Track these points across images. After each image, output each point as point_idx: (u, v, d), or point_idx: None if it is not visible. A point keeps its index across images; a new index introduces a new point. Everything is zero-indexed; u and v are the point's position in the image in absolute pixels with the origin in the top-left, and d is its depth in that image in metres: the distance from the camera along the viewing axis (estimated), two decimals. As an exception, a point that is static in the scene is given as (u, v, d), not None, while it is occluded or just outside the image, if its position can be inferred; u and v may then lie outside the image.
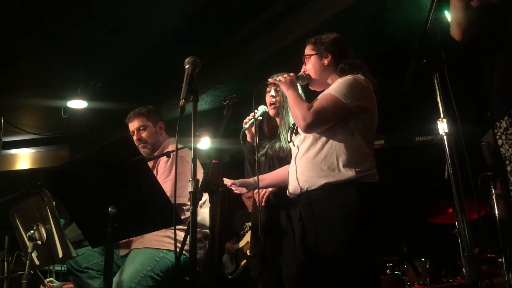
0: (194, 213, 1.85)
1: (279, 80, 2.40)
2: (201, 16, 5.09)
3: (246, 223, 5.88)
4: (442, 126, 1.59)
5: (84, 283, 3.17)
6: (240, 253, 5.83)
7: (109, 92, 6.16)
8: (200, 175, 3.26)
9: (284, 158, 2.92)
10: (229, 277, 5.86)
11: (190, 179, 1.90)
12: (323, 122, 2.25)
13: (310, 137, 2.31)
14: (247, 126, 2.99)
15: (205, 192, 2.26)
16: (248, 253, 5.65)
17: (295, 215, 2.52)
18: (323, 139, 2.27)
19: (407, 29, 4.46)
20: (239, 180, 2.81)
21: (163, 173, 3.07)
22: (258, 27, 5.25)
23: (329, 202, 2.16)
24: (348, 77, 2.33)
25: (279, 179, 2.68)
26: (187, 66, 2.07)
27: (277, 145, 2.99)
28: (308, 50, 2.52)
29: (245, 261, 5.72)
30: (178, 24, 5.15)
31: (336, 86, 2.31)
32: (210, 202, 2.29)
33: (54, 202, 2.99)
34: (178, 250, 3.06)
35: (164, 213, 2.03)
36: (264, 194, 2.86)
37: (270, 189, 2.87)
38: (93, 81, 6.14)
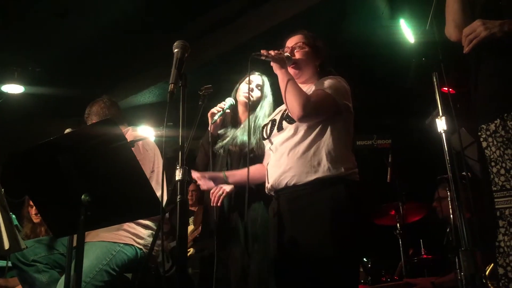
0: (183, 202, 1.77)
1: (272, 56, 2.33)
2: (157, 5, 4.95)
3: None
4: (441, 124, 1.64)
5: (31, 277, 2.97)
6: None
7: (51, 78, 5.82)
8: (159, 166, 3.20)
9: (244, 153, 2.88)
10: (164, 275, 5.73)
11: (178, 167, 1.82)
12: (318, 115, 2.27)
13: (299, 133, 2.30)
14: (216, 118, 2.95)
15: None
16: (186, 249, 5.56)
17: (270, 210, 2.50)
18: (312, 135, 2.27)
19: (363, 35, 4.59)
20: (208, 173, 2.70)
21: None
22: (216, 21, 5.20)
23: (318, 198, 2.16)
24: (336, 78, 2.40)
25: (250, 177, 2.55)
26: (176, 50, 2.01)
27: (239, 139, 2.95)
28: (302, 39, 2.50)
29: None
30: (132, 11, 4.97)
31: (326, 84, 2.34)
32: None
33: (3, 190, 2.78)
34: (136, 244, 2.99)
35: (144, 203, 1.93)
36: (221, 195, 2.79)
37: (227, 190, 2.80)
38: (32, 66, 5.77)
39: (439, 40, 1.72)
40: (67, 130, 3.16)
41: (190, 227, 5.35)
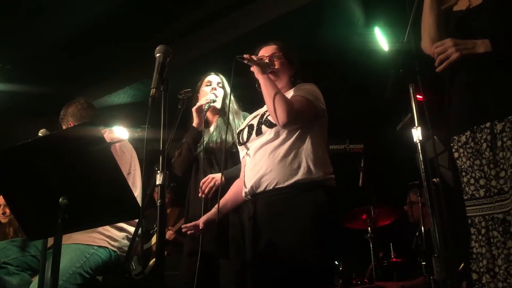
0: (162, 207, 1.78)
1: (255, 60, 2.37)
2: (133, 7, 4.91)
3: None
4: (417, 134, 1.70)
5: (1, 279, 2.92)
6: (150, 253, 5.71)
7: (23, 76, 5.70)
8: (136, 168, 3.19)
9: (227, 149, 2.94)
10: (135, 277, 5.70)
11: (158, 172, 1.83)
12: (300, 121, 2.31)
13: (279, 136, 2.32)
14: (207, 108, 3.00)
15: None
16: (158, 251, 5.55)
17: (245, 213, 2.51)
18: (292, 139, 2.30)
19: (338, 41, 4.67)
20: (202, 220, 2.54)
21: None
22: (190, 25, 5.19)
23: (298, 202, 2.19)
24: (310, 84, 2.48)
25: (237, 197, 2.55)
26: (158, 55, 2.00)
27: (218, 138, 2.99)
28: (278, 49, 2.56)
29: (154, 260, 5.63)
30: (107, 11, 4.91)
31: (304, 90, 2.40)
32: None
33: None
34: (110, 247, 2.97)
35: (124, 206, 1.93)
36: (212, 186, 2.80)
37: (219, 182, 2.80)
38: (2, 63, 5.65)
39: (416, 52, 1.78)
40: (42, 131, 3.12)
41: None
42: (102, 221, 2.15)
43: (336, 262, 5.03)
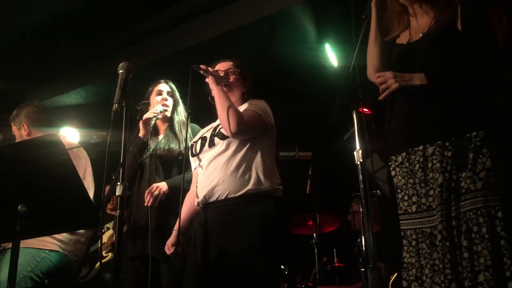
0: (121, 217, 1.88)
1: (210, 72, 2.50)
2: (88, 7, 4.88)
3: (106, 225, 5.78)
4: (357, 156, 1.88)
5: None
6: (96, 255, 5.70)
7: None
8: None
9: (173, 156, 3.05)
10: (81, 280, 5.68)
11: (119, 183, 1.92)
12: (250, 133, 2.47)
13: (230, 148, 2.46)
14: (153, 121, 3.07)
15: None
16: (104, 254, 5.57)
17: (196, 221, 2.63)
18: (243, 151, 2.45)
19: (290, 54, 4.86)
20: (170, 242, 2.60)
21: None
22: (144, 31, 5.22)
23: (249, 212, 2.33)
24: (260, 101, 2.65)
25: (193, 212, 2.66)
26: (121, 71, 2.08)
27: (165, 146, 3.09)
28: (234, 66, 2.71)
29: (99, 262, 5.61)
30: (64, 9, 4.85)
31: (254, 106, 2.57)
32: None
33: None
34: (61, 251, 3.01)
35: (82, 214, 2.01)
36: (158, 195, 2.89)
37: (164, 190, 2.92)
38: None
39: (360, 80, 1.96)
40: (-5, 134, 3.12)
41: (109, 232, 5.35)
42: (60, 228, 2.21)
43: (282, 266, 5.22)
